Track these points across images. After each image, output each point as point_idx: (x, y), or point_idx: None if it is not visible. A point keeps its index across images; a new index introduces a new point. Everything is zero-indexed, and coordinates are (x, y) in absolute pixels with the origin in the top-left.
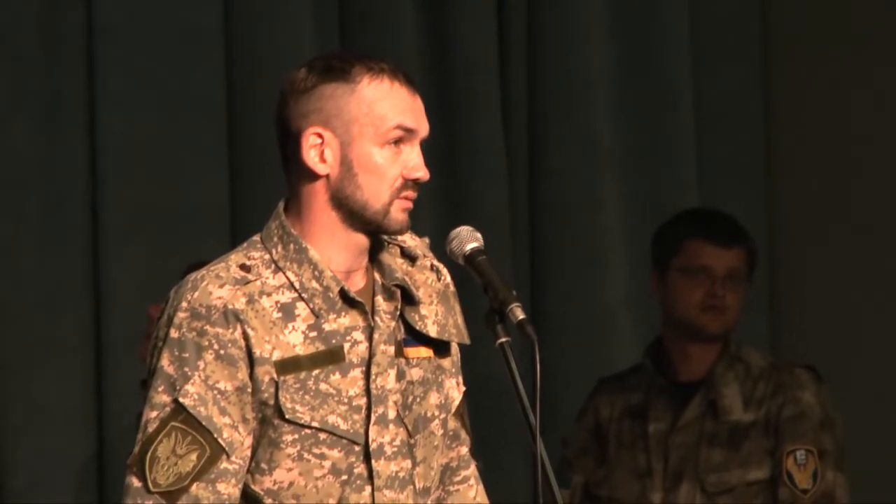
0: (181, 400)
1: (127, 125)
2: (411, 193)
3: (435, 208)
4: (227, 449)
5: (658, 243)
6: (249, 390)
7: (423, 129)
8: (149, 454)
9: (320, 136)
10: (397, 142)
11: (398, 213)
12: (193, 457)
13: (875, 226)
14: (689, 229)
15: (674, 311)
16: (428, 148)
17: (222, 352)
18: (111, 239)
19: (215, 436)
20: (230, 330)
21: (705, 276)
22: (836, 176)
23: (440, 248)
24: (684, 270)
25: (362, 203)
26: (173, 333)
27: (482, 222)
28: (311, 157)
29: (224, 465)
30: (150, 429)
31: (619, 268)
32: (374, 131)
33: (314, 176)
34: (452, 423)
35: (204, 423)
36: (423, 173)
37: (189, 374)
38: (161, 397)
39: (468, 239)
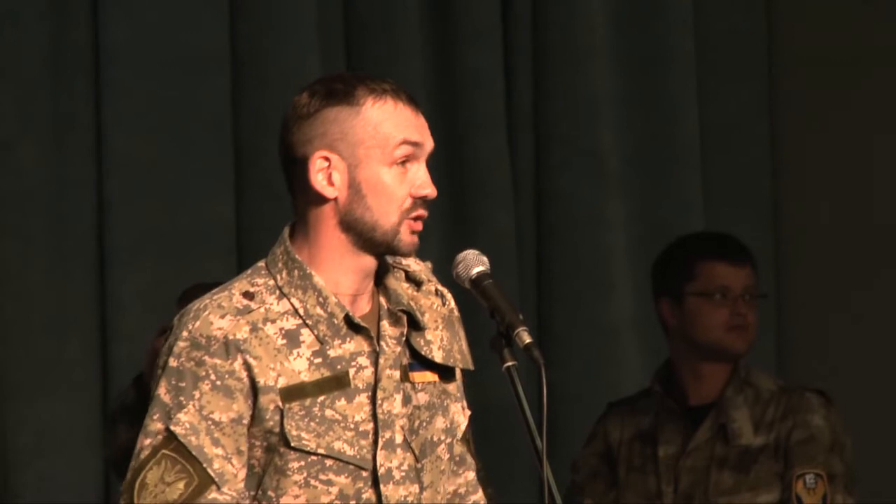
0: (173, 428)
1: (133, 147)
2: (422, 212)
3: (441, 230)
4: (216, 480)
5: (667, 270)
6: (245, 422)
7: (429, 143)
8: (138, 480)
9: (327, 159)
10: (404, 162)
11: (407, 234)
12: (181, 485)
13: (883, 246)
14: (701, 252)
15: (695, 336)
16: (434, 169)
17: (219, 383)
18: (117, 261)
19: (205, 466)
20: (229, 361)
21: (725, 297)
22: (843, 196)
23: (446, 271)
24: (703, 294)
25: (372, 224)
26: (172, 362)
27: (488, 244)
28: (318, 180)
29: (213, 495)
30: (142, 455)
31: (625, 289)
32: (380, 152)
33: (322, 199)
34: (458, 448)
35: (194, 452)
36: (430, 190)
37: (184, 402)
38: (155, 425)
39: (474, 263)
